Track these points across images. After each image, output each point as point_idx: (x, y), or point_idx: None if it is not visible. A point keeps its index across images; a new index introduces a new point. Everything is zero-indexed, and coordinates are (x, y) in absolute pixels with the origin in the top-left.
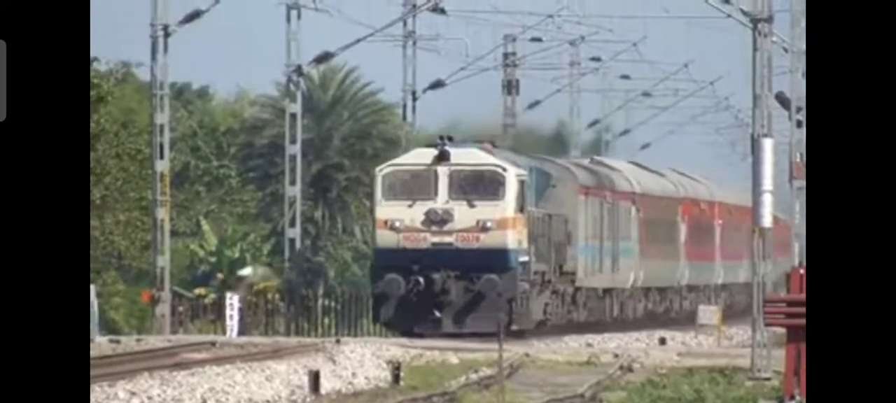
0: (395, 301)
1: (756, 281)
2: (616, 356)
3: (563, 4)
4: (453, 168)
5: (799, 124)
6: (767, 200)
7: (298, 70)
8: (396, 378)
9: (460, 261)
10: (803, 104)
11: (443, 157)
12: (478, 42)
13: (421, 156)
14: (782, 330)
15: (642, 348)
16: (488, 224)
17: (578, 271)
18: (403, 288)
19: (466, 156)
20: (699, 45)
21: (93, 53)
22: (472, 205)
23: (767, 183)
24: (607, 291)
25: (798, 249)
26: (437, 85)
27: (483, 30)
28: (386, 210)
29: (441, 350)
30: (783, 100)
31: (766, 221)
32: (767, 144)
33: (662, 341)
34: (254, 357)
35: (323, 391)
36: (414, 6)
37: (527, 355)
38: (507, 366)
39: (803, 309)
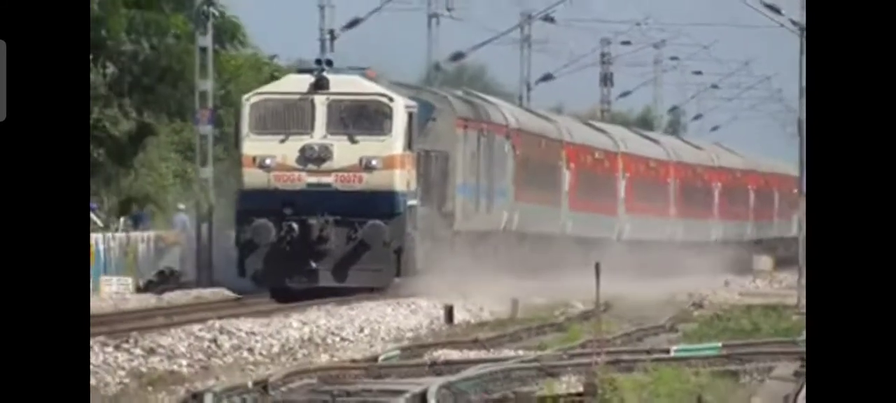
0: (265, 250)
1: (801, 237)
2: (689, 294)
3: (649, 14)
4: (332, 97)
5: None
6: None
7: (436, 66)
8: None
9: (340, 205)
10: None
11: (320, 85)
12: (580, 44)
13: (295, 84)
14: None
15: (711, 289)
16: (373, 162)
17: (457, 213)
18: (274, 235)
19: (348, 84)
20: (758, 47)
21: (273, 51)
22: (354, 141)
23: None
24: (483, 235)
25: None
26: (548, 77)
27: (584, 34)
28: (254, 145)
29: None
30: None
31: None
32: None
33: (726, 283)
34: (400, 294)
35: (455, 322)
36: (529, 16)
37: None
38: (603, 303)
39: None
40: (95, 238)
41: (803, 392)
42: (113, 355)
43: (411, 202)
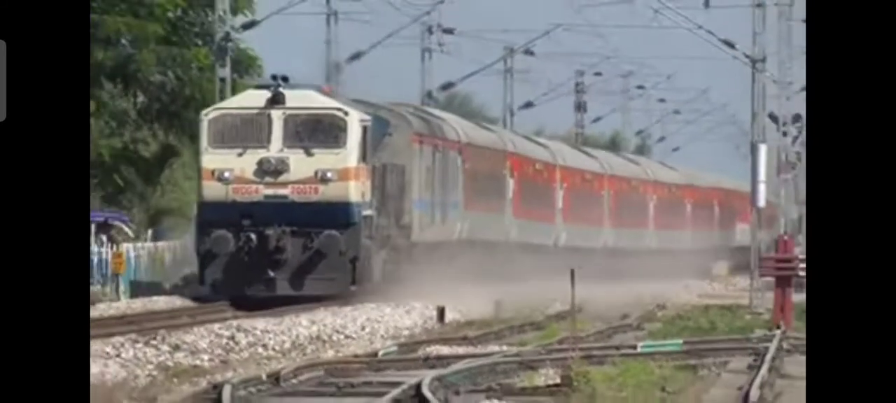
0: (224, 260)
1: (753, 245)
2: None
3: (617, 48)
4: (289, 112)
5: (784, 134)
6: (762, 188)
7: (429, 94)
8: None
9: (297, 216)
10: (788, 121)
11: (277, 100)
12: (557, 74)
13: (252, 99)
14: (772, 279)
15: (673, 291)
16: (328, 174)
17: (414, 224)
18: (233, 246)
19: (303, 99)
20: (714, 77)
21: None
22: (309, 154)
23: (761, 175)
24: (438, 244)
25: (783, 222)
26: (529, 104)
27: (561, 66)
28: (213, 159)
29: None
30: (773, 118)
31: (761, 203)
32: (762, 148)
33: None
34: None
35: (446, 321)
36: (511, 50)
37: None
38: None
39: (787, 264)
40: (126, 247)
41: (757, 382)
42: (143, 350)
43: (366, 212)
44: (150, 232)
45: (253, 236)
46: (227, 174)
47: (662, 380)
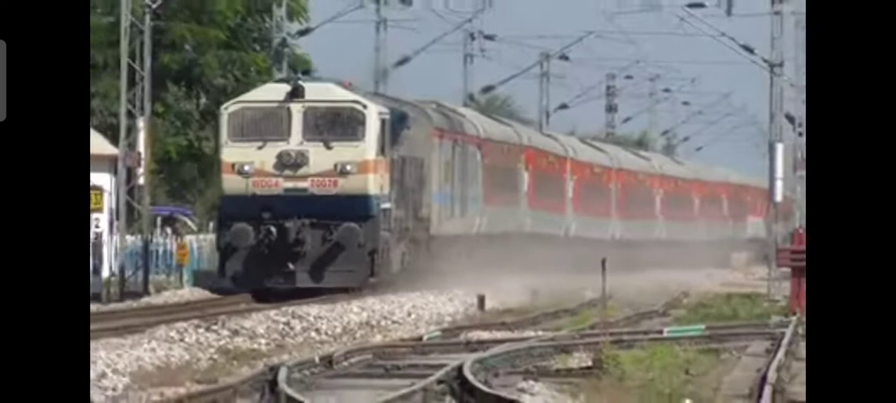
0: (244, 253)
1: (770, 238)
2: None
3: (646, 54)
4: (308, 105)
5: (800, 134)
6: (779, 184)
7: (471, 97)
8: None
9: (316, 208)
10: (804, 121)
11: (296, 93)
12: (590, 78)
13: (272, 92)
14: (788, 269)
15: (696, 280)
16: (347, 167)
17: (433, 217)
18: (253, 239)
19: (323, 92)
20: (735, 80)
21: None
22: (328, 147)
23: (779, 173)
24: (457, 237)
25: (798, 216)
26: (563, 107)
27: (593, 71)
28: (233, 152)
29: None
30: (790, 118)
31: (778, 198)
32: (779, 147)
33: (708, 276)
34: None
35: (486, 308)
36: (547, 55)
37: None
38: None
39: (802, 255)
40: (190, 239)
41: (774, 365)
42: (205, 335)
43: (385, 205)
44: (212, 224)
45: (273, 229)
46: (246, 167)
47: (687, 363)
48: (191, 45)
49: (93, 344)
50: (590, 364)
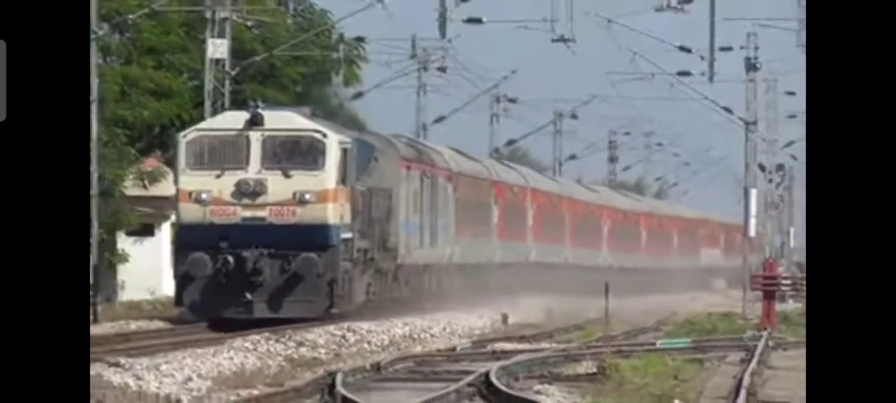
0: (202, 282)
1: (745, 266)
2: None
3: (641, 113)
4: (267, 133)
5: (770, 181)
6: (752, 222)
7: (496, 149)
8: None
9: (274, 238)
10: (773, 170)
11: (255, 121)
12: (594, 133)
13: (231, 120)
14: (760, 293)
15: (683, 301)
16: (306, 196)
17: (400, 247)
18: (210, 268)
19: (282, 121)
20: (716, 135)
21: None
22: (287, 176)
23: (752, 212)
24: (426, 267)
25: (767, 249)
26: (573, 157)
27: (597, 127)
28: (191, 180)
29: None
30: (762, 167)
31: (752, 233)
32: (753, 192)
33: (692, 298)
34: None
35: (509, 323)
36: (560, 115)
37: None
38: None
39: (772, 281)
40: None
41: (748, 371)
42: (274, 346)
43: (345, 235)
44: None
45: (230, 258)
46: (204, 196)
47: (676, 370)
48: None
49: (181, 353)
50: (595, 370)
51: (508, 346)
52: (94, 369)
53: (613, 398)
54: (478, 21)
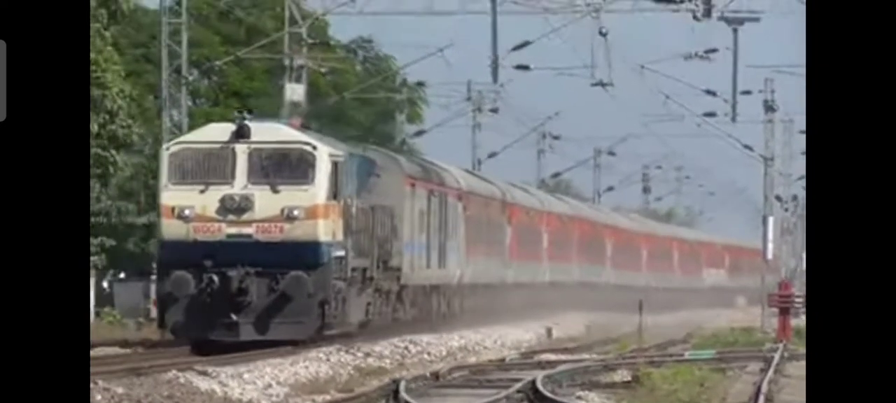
0: (185, 302)
1: (763, 285)
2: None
3: (672, 150)
4: (254, 146)
5: (786, 210)
6: (770, 246)
7: (542, 181)
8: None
9: (262, 256)
10: (788, 200)
11: (242, 133)
12: (630, 167)
13: (216, 133)
14: (776, 309)
15: (709, 318)
16: (295, 212)
17: (404, 267)
18: (194, 288)
19: (270, 133)
20: (739, 169)
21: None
22: (275, 191)
23: (770, 237)
24: (434, 288)
25: (783, 271)
26: (610, 189)
27: (634, 162)
28: (173, 195)
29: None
30: (779, 198)
31: (769, 256)
32: (770, 220)
33: (718, 315)
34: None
35: (553, 337)
36: (599, 151)
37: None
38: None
39: (787, 299)
40: None
41: (766, 379)
42: (344, 356)
43: (338, 253)
44: None
45: (215, 277)
46: (187, 212)
47: (702, 379)
48: None
49: (261, 362)
50: (629, 379)
51: (552, 357)
52: (184, 377)
53: (645, 402)
54: (526, 68)
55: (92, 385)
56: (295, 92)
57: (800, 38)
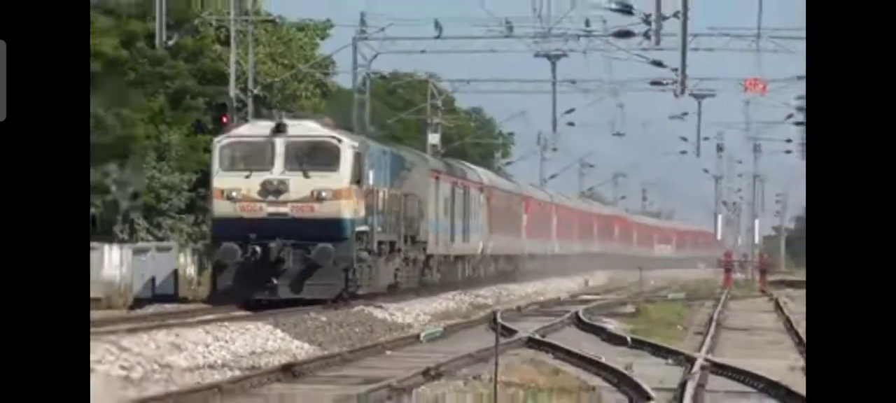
0: (233, 269)
1: (714, 255)
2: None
3: (659, 177)
4: (289, 139)
5: (728, 210)
6: (719, 232)
7: (582, 192)
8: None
9: (296, 230)
10: (729, 205)
11: (279, 129)
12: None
13: (259, 128)
14: (722, 269)
15: (680, 274)
16: (323, 194)
17: (430, 241)
18: (240, 256)
19: (303, 128)
20: (702, 184)
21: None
22: (307, 176)
23: (719, 226)
24: (459, 257)
25: (727, 246)
26: (622, 197)
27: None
28: (223, 180)
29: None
30: (725, 203)
31: (719, 238)
32: (719, 217)
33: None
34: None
35: (590, 285)
36: (617, 175)
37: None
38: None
39: (729, 262)
40: None
41: (717, 311)
42: (463, 298)
43: (361, 228)
44: None
45: (257, 248)
46: (234, 194)
47: (678, 311)
48: None
49: (413, 301)
50: (634, 311)
51: (588, 297)
52: (367, 310)
53: (643, 324)
54: (572, 124)
55: (313, 314)
56: (433, 138)
57: (739, 106)
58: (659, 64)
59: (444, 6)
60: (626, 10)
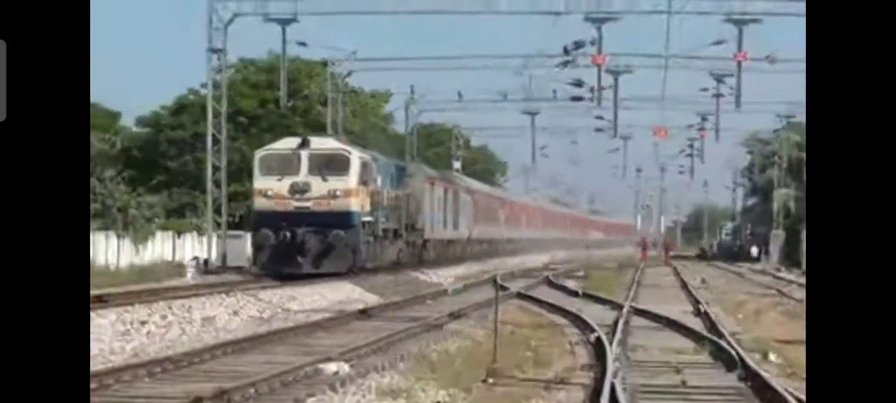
0: (269, 249)
1: (634, 239)
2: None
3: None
4: (312, 151)
5: (645, 211)
6: (639, 224)
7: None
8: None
9: (316, 220)
10: (644, 208)
11: (304, 144)
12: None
13: (289, 143)
14: (639, 248)
15: (613, 252)
16: (337, 192)
17: (426, 228)
18: (273, 240)
19: (322, 143)
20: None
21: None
22: (325, 179)
23: (638, 221)
24: (451, 241)
25: (645, 233)
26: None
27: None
28: (261, 182)
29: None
30: (643, 206)
31: (639, 228)
32: (639, 215)
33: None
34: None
35: (556, 259)
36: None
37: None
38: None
39: (644, 244)
40: None
41: (637, 274)
42: (478, 267)
43: (366, 219)
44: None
45: (287, 234)
46: (269, 192)
47: (613, 275)
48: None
49: (443, 269)
50: (583, 274)
51: (555, 266)
52: (412, 274)
53: (593, 283)
54: (546, 155)
55: (380, 276)
56: (456, 165)
57: (650, 145)
58: (600, 118)
59: (464, 78)
60: (578, 84)
